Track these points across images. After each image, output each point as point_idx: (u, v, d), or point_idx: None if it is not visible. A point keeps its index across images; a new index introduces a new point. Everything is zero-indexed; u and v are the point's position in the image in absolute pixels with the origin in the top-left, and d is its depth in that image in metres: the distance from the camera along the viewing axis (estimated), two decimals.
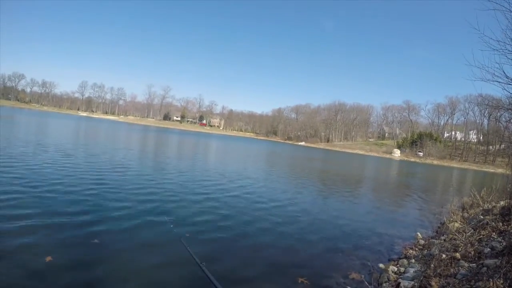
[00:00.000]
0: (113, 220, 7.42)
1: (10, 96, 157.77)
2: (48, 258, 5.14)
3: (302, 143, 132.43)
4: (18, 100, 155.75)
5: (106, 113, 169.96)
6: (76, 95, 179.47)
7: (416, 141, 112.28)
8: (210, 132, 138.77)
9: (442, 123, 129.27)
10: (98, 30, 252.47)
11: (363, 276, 5.98)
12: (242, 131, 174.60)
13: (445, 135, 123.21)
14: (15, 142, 17.93)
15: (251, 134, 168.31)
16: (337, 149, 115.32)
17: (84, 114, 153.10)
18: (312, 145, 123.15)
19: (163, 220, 7.63)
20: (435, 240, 8.17)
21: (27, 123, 41.63)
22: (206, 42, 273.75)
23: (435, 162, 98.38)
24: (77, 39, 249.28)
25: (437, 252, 6.54)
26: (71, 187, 9.91)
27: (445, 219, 10.09)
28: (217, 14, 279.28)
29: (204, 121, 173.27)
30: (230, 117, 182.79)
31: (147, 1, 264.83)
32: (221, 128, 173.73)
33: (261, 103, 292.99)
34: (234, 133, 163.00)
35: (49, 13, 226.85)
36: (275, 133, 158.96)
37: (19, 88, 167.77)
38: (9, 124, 35.15)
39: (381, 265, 6.68)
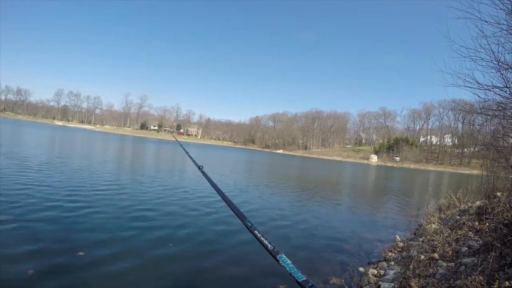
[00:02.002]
0: (97, 232, 7.16)
1: None
2: (30, 271, 4.97)
3: (280, 151, 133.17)
4: None
5: (82, 122, 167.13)
6: (52, 103, 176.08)
7: (392, 146, 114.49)
8: (188, 141, 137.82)
9: (417, 128, 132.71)
10: (74, 37, 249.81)
11: (343, 280, 5.95)
12: (220, 140, 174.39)
13: (421, 139, 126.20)
14: None
15: (229, 142, 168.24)
16: (315, 156, 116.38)
17: (60, 123, 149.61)
18: (290, 153, 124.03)
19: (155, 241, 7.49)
20: (414, 242, 8.23)
21: (1, 132, 40.19)
22: (182, 51, 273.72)
23: (412, 166, 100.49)
24: (53, 46, 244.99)
25: (415, 253, 6.58)
26: (54, 201, 9.56)
27: (422, 221, 10.19)
28: (194, 22, 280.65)
29: (182, 130, 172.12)
30: (208, 126, 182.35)
31: (123, 9, 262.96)
32: (198, 137, 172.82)
33: (238, 111, 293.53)
34: (212, 142, 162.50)
35: (24, 19, 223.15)
36: (253, 142, 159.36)
37: None
38: None
39: (361, 269, 6.66)
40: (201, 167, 2.84)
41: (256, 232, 1.40)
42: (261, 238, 1.35)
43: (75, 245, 6.22)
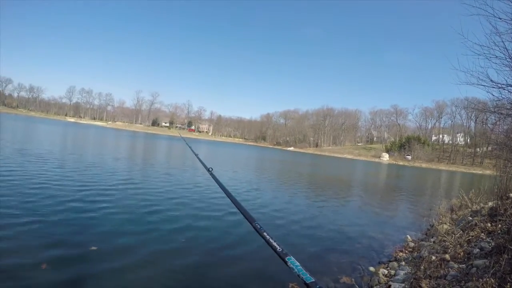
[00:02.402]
0: (110, 228, 7.27)
1: None
2: (44, 265, 5.09)
3: (291, 148, 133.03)
4: (5, 105, 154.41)
5: (94, 118, 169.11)
6: (64, 100, 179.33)
7: (404, 144, 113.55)
8: (199, 138, 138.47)
9: (429, 126, 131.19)
10: (86, 34, 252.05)
11: (353, 279, 5.95)
12: (231, 137, 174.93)
13: (433, 138, 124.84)
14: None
15: (240, 139, 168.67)
16: (326, 154, 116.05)
17: (72, 119, 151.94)
18: (301, 150, 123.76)
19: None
20: (425, 242, 8.18)
21: (14, 128, 40.71)
22: (194, 47, 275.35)
23: (424, 165, 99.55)
24: (65, 43, 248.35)
25: (426, 254, 6.54)
26: (66, 198, 9.69)
27: (434, 221, 10.11)
28: (205, 19, 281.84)
29: (193, 127, 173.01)
30: (219, 123, 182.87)
31: (135, 6, 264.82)
32: (209, 133, 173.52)
33: (249, 108, 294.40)
34: (223, 138, 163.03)
35: (36, 16, 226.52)
36: (264, 139, 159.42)
37: (6, 93, 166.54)
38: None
39: (371, 268, 6.66)
40: (210, 169, 2.82)
41: (265, 234, 1.40)
42: (270, 240, 1.35)
43: (88, 240, 6.32)
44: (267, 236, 1.38)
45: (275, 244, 1.32)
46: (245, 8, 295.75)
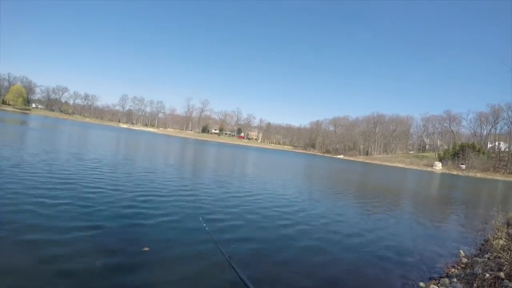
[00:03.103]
0: (163, 233, 7.69)
1: (54, 107, 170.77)
2: (98, 263, 5.54)
3: (341, 156, 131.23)
4: (62, 112, 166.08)
5: (146, 125, 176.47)
6: (117, 107, 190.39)
7: (458, 153, 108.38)
8: (248, 145, 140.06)
9: (485, 133, 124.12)
10: (137, 44, 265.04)
11: None
12: (280, 144, 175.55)
13: (488, 146, 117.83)
14: (54, 154, 18.73)
15: (289, 147, 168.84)
16: (377, 162, 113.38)
17: (125, 126, 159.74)
18: (351, 158, 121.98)
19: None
20: (479, 259, 8.00)
21: (71, 133, 43.13)
22: (244, 55, 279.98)
23: (479, 174, 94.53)
24: (118, 53, 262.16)
25: (480, 271, 6.45)
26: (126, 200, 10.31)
27: (489, 236, 9.83)
28: (254, 27, 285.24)
29: (242, 134, 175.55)
30: (268, 130, 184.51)
31: (185, 15, 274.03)
32: (259, 141, 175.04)
33: (298, 115, 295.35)
34: (272, 146, 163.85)
35: (90, 29, 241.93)
36: (313, 146, 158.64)
37: (63, 100, 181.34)
38: (55, 133, 36.45)
39: (421, 284, 6.61)
40: (229, 257, 2.63)
41: None
42: None
43: (141, 242, 6.79)
44: None
45: None
46: (295, 13, 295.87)
